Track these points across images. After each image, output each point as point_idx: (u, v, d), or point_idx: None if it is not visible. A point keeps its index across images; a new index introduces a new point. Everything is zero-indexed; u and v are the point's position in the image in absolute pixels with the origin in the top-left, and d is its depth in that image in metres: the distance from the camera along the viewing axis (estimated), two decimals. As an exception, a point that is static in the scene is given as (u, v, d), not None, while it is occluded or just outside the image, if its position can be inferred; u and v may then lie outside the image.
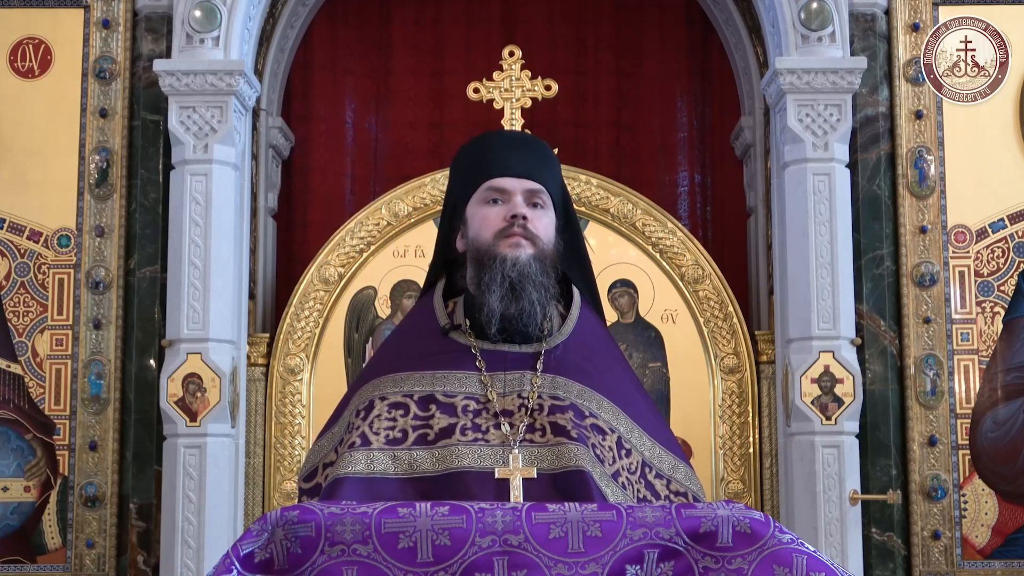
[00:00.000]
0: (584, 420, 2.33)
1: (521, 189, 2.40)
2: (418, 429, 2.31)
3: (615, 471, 2.31)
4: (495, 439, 2.30)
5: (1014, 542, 4.34)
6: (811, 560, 1.87)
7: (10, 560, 4.33)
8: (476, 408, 2.34)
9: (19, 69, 4.53)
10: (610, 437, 2.35)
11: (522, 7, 5.25)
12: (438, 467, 2.26)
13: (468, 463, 2.26)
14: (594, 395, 2.38)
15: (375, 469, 2.26)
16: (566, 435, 2.28)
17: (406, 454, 2.29)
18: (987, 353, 4.40)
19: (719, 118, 5.17)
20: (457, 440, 2.28)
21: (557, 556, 1.86)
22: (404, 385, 2.38)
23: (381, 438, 2.31)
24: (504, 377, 2.37)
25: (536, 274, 2.36)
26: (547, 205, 2.44)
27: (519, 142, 2.53)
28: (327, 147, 5.18)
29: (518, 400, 2.35)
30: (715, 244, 5.05)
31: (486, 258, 2.37)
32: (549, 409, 2.33)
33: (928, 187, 4.46)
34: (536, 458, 2.27)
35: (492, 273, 2.35)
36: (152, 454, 4.37)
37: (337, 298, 4.66)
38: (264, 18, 4.68)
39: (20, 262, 4.46)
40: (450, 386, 2.36)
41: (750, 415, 4.56)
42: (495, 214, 2.40)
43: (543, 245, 2.39)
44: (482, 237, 2.39)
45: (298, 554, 1.87)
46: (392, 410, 2.35)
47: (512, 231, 2.37)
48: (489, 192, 2.42)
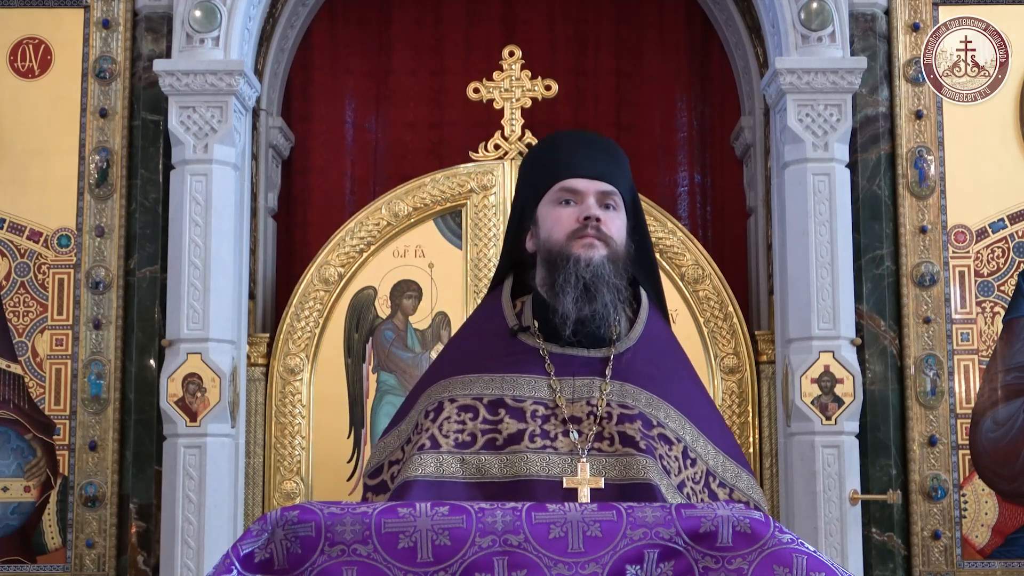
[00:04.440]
0: (652, 430, 2.31)
1: (594, 190, 2.39)
2: (487, 433, 2.30)
3: (680, 481, 2.30)
4: (563, 447, 2.28)
5: (1014, 542, 4.34)
6: (811, 560, 1.87)
7: (10, 560, 4.33)
8: (545, 414, 2.32)
9: (19, 69, 4.53)
10: (676, 447, 2.34)
11: (522, 7, 5.25)
12: (506, 473, 2.26)
13: (537, 471, 2.25)
14: (661, 403, 2.37)
15: (444, 472, 2.26)
16: (635, 446, 2.27)
17: (474, 458, 2.28)
18: (987, 353, 4.40)
19: (719, 118, 5.17)
20: (526, 447, 2.28)
21: (557, 556, 1.86)
22: (473, 388, 2.36)
23: (451, 441, 2.30)
24: (573, 382, 2.36)
25: (609, 275, 2.34)
26: (619, 207, 2.42)
27: (591, 143, 2.51)
28: (327, 147, 5.18)
29: (587, 407, 2.33)
30: (715, 244, 5.04)
31: (559, 259, 2.35)
32: (618, 418, 2.31)
33: (928, 187, 4.46)
34: (604, 468, 2.26)
35: (566, 274, 2.33)
36: (152, 454, 4.37)
37: (337, 298, 4.65)
38: (264, 18, 4.68)
39: (20, 262, 4.46)
40: (519, 390, 2.35)
41: (750, 415, 4.56)
42: (568, 215, 2.38)
43: (616, 247, 2.37)
44: (554, 238, 2.37)
45: (298, 554, 1.87)
46: (461, 413, 2.33)
47: (585, 232, 2.35)
48: (561, 193, 2.40)
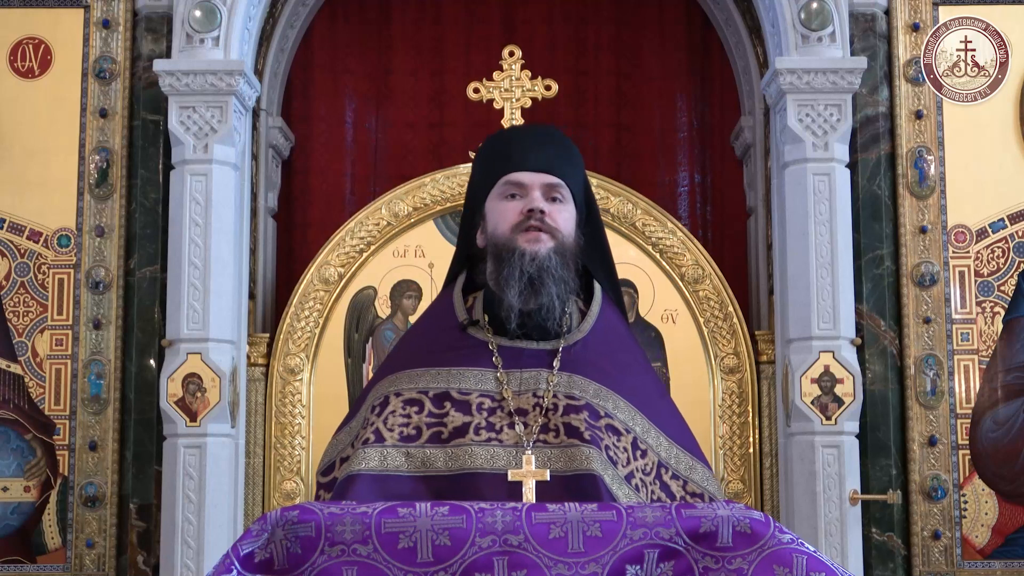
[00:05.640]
0: (599, 420, 2.30)
1: (539, 183, 2.38)
2: (432, 427, 2.29)
3: (629, 472, 2.28)
4: (509, 439, 2.27)
5: (1014, 542, 4.34)
6: (811, 560, 1.87)
7: (10, 560, 4.33)
8: (491, 406, 2.31)
9: (19, 69, 4.52)
10: (625, 438, 2.32)
11: (522, 7, 5.25)
12: (451, 466, 2.24)
13: (481, 464, 2.24)
14: (611, 394, 2.35)
15: (388, 466, 2.25)
16: (579, 437, 2.25)
17: (420, 452, 2.26)
18: (987, 353, 4.40)
19: (719, 118, 5.17)
20: (471, 439, 2.26)
21: (557, 556, 1.86)
22: (420, 381, 2.35)
23: (395, 435, 2.29)
24: (520, 375, 2.35)
25: (555, 268, 2.33)
26: (566, 199, 2.41)
27: (538, 137, 2.50)
28: (327, 147, 5.18)
29: (533, 399, 2.32)
30: (715, 244, 5.04)
31: (504, 252, 2.34)
32: (564, 409, 2.30)
33: (928, 187, 4.46)
34: (549, 460, 2.24)
35: (510, 268, 2.32)
36: (152, 454, 4.37)
37: (337, 298, 4.65)
38: (264, 18, 4.68)
39: (20, 262, 4.46)
40: (465, 383, 2.33)
41: (750, 415, 4.56)
42: (512, 208, 2.37)
43: (563, 238, 2.36)
44: (500, 231, 2.37)
45: (298, 554, 1.87)
46: (407, 407, 2.32)
47: (530, 225, 2.34)
48: (507, 187, 2.39)
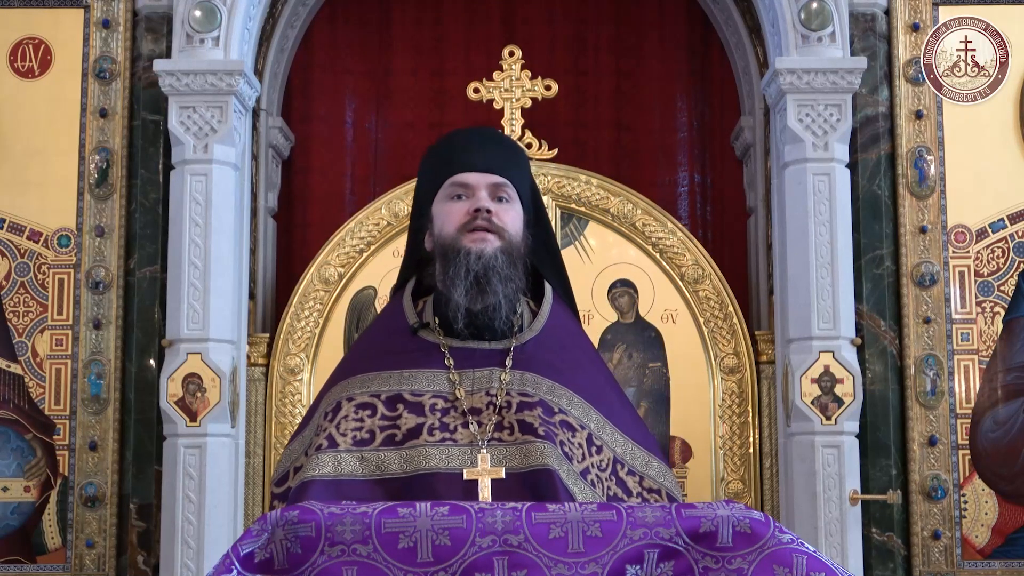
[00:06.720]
0: (553, 416, 2.30)
1: (485, 183, 2.38)
2: (386, 429, 2.28)
3: (584, 468, 2.28)
4: (463, 439, 2.26)
5: (1014, 542, 4.34)
6: (811, 560, 1.87)
7: (10, 560, 4.33)
8: (444, 407, 2.30)
9: (19, 69, 4.53)
10: (580, 434, 2.31)
11: (522, 7, 5.24)
12: (406, 468, 2.23)
13: (436, 464, 2.22)
14: (564, 391, 2.35)
15: (343, 471, 2.23)
16: (533, 433, 2.25)
17: (374, 455, 2.25)
18: (987, 353, 4.40)
19: (719, 118, 5.17)
20: (425, 440, 2.25)
21: (557, 556, 1.86)
22: (371, 385, 2.34)
23: (348, 439, 2.27)
24: (473, 374, 2.34)
25: (502, 267, 2.33)
26: (513, 199, 2.41)
27: (483, 138, 2.51)
28: (327, 147, 5.17)
29: (486, 398, 2.31)
30: (715, 244, 5.04)
31: (450, 252, 2.34)
32: (517, 406, 2.29)
33: (928, 187, 4.46)
34: (504, 458, 2.24)
35: (456, 267, 2.32)
36: (152, 454, 4.37)
37: (337, 298, 4.66)
38: (264, 18, 4.68)
39: (20, 262, 4.46)
40: (418, 385, 2.32)
41: (750, 415, 4.56)
42: (459, 208, 2.37)
43: (510, 238, 2.36)
44: (446, 232, 2.37)
45: (298, 554, 1.87)
46: (359, 411, 2.31)
47: (476, 224, 2.34)
48: (453, 188, 2.40)
